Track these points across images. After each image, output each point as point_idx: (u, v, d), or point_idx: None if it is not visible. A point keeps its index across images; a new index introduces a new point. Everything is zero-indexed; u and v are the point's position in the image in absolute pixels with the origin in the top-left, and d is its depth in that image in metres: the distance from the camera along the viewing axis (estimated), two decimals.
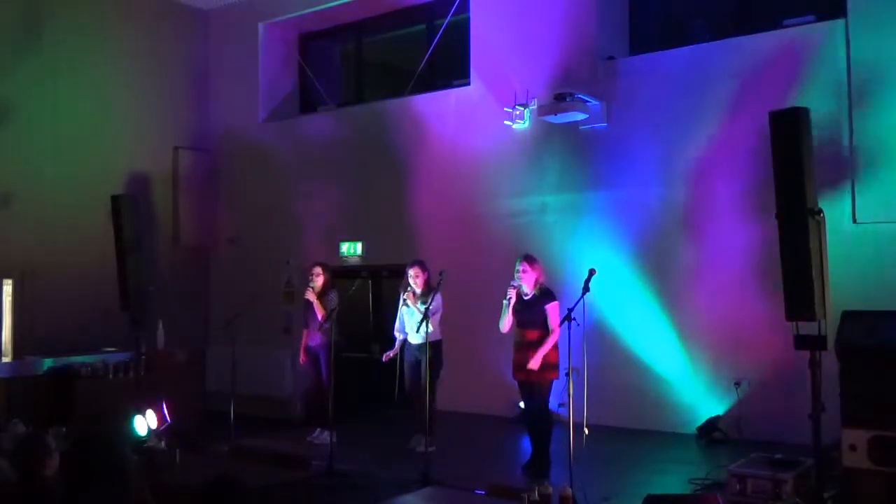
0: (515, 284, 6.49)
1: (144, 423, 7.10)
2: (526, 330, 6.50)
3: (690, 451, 7.42)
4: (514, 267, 6.57)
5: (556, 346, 6.44)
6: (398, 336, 7.71)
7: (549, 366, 6.44)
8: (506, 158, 9.24)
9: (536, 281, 6.53)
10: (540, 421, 6.59)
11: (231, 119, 11.77)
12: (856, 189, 7.23)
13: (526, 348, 6.47)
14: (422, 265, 7.56)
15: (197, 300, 11.51)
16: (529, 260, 6.56)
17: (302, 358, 8.25)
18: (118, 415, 7.13)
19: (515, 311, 6.53)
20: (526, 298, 6.52)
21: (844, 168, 7.26)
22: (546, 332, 6.43)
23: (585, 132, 8.68)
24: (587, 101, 8.46)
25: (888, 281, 6.90)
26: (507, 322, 6.57)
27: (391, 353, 7.74)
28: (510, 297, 6.47)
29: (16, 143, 9.75)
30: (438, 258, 8.11)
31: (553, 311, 6.46)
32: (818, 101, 7.12)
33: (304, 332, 8.23)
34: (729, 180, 7.90)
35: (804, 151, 5.40)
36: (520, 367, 6.53)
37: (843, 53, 7.34)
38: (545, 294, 6.54)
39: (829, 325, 5.41)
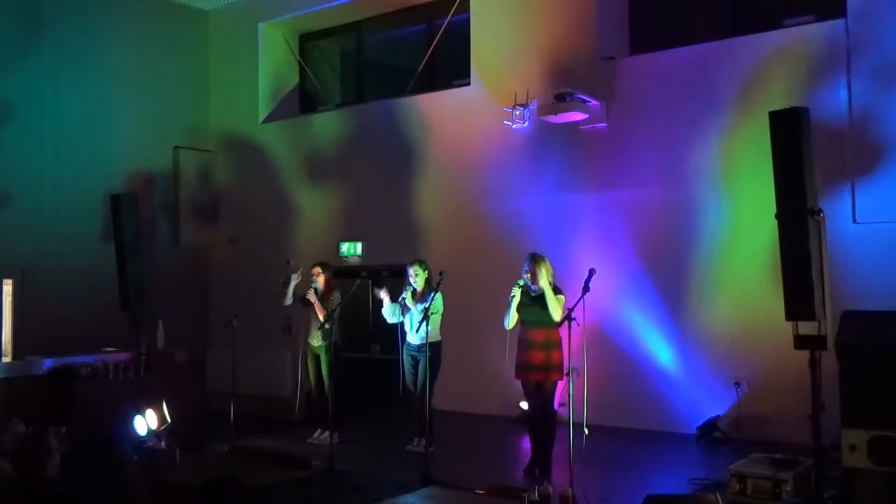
0: (521, 283, 6.41)
1: (144, 423, 7.10)
2: (532, 329, 6.43)
3: (690, 451, 7.41)
4: (523, 266, 6.49)
5: (560, 348, 6.37)
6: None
7: (554, 366, 6.38)
8: (506, 158, 9.23)
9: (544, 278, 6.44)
10: (544, 422, 6.51)
11: (231, 119, 11.78)
12: (856, 189, 7.23)
13: (531, 348, 6.41)
14: (421, 264, 7.55)
15: (197, 300, 11.51)
16: (535, 258, 6.47)
17: None
18: (118, 415, 7.12)
19: (521, 309, 6.46)
20: (533, 295, 6.44)
21: (844, 168, 7.26)
22: (551, 330, 6.36)
23: (585, 132, 8.67)
24: (587, 101, 8.45)
25: (888, 281, 6.90)
26: (511, 319, 6.48)
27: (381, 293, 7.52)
28: (514, 295, 6.40)
29: (16, 143, 9.75)
30: (438, 258, 8.12)
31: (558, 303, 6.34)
32: (818, 100, 7.13)
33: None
34: (728, 180, 7.91)
35: (804, 151, 5.40)
36: (524, 366, 6.47)
37: (843, 53, 7.35)
38: (552, 289, 6.41)
39: (829, 325, 5.41)
